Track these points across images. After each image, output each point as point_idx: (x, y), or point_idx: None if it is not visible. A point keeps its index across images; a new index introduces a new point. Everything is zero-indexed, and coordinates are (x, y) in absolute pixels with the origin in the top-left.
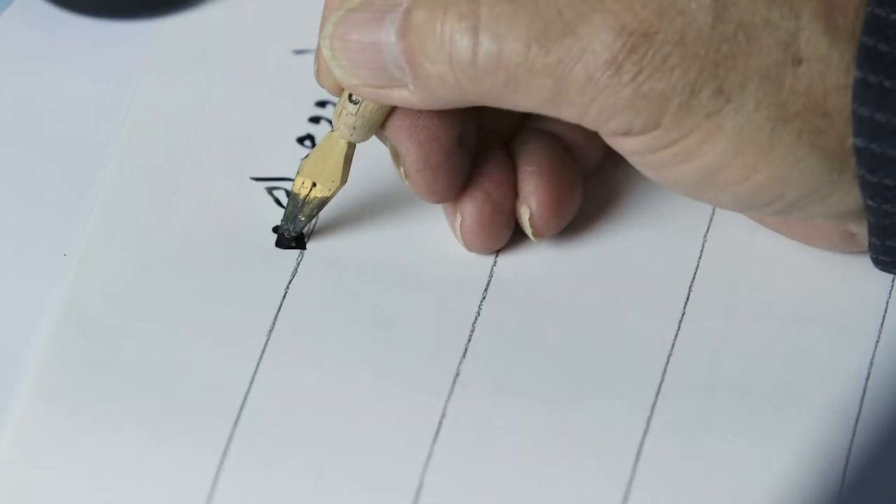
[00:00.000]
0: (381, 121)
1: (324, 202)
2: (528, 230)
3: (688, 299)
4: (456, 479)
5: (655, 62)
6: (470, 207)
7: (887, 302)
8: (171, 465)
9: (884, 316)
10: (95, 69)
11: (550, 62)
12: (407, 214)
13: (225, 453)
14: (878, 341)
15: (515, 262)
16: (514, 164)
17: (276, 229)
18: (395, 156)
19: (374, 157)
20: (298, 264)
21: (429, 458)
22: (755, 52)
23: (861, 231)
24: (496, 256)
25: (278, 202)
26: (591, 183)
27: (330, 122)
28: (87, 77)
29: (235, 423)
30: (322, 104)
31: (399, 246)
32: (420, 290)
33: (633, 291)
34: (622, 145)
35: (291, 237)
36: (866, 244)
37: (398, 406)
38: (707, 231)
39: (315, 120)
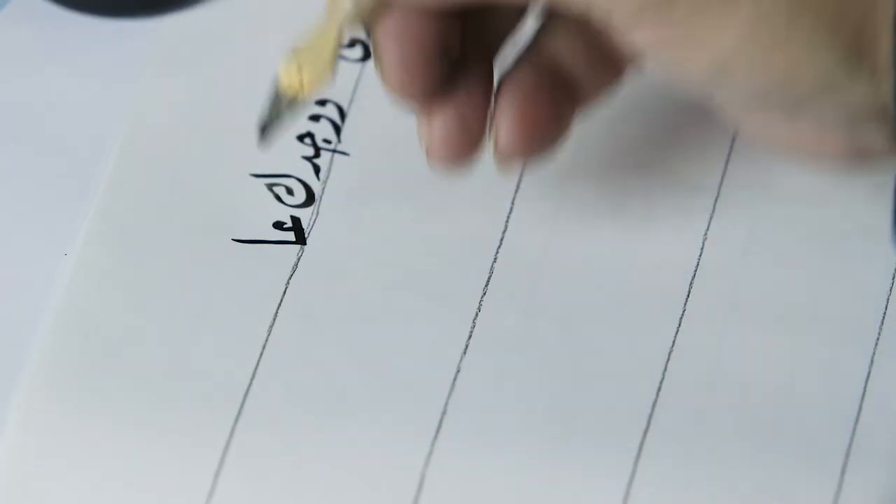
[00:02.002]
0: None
1: (310, 94)
2: (493, 152)
3: (688, 297)
4: (457, 475)
5: None
6: (439, 121)
7: (887, 300)
8: (172, 461)
9: (884, 315)
10: (95, 68)
11: None
12: (407, 212)
13: (226, 449)
14: (878, 340)
15: (516, 260)
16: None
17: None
18: (377, 55)
19: (375, 159)
20: (299, 259)
21: (430, 454)
22: None
23: (874, 142)
24: (496, 253)
25: (278, 198)
26: (592, 182)
27: (330, 121)
28: (86, 76)
29: (237, 419)
30: (322, 103)
31: (399, 241)
32: (421, 286)
33: (634, 289)
34: (634, 39)
35: (272, 127)
36: (878, 159)
37: (399, 402)
38: (707, 230)
39: (315, 118)
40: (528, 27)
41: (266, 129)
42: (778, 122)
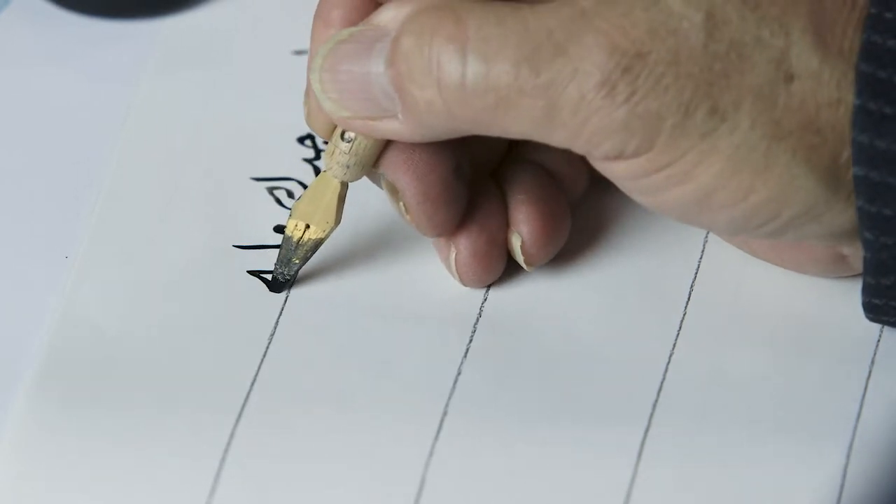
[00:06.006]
0: (374, 158)
1: (318, 244)
2: (521, 258)
3: (689, 299)
4: (457, 477)
5: (650, 82)
6: (465, 240)
7: None
8: (172, 463)
9: None
10: (95, 69)
11: (542, 83)
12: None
13: (226, 451)
14: (879, 339)
15: (516, 262)
16: (504, 195)
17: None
18: (393, 191)
19: None
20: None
21: (430, 455)
22: (748, 70)
23: (853, 253)
24: None
25: (279, 202)
26: (595, 185)
27: None
28: (87, 77)
29: (236, 423)
30: None
31: (400, 242)
32: (424, 287)
33: (635, 290)
34: (614, 170)
35: (286, 280)
36: (857, 267)
37: (400, 404)
38: (708, 232)
39: None
40: None
41: (279, 276)
42: (761, 240)
